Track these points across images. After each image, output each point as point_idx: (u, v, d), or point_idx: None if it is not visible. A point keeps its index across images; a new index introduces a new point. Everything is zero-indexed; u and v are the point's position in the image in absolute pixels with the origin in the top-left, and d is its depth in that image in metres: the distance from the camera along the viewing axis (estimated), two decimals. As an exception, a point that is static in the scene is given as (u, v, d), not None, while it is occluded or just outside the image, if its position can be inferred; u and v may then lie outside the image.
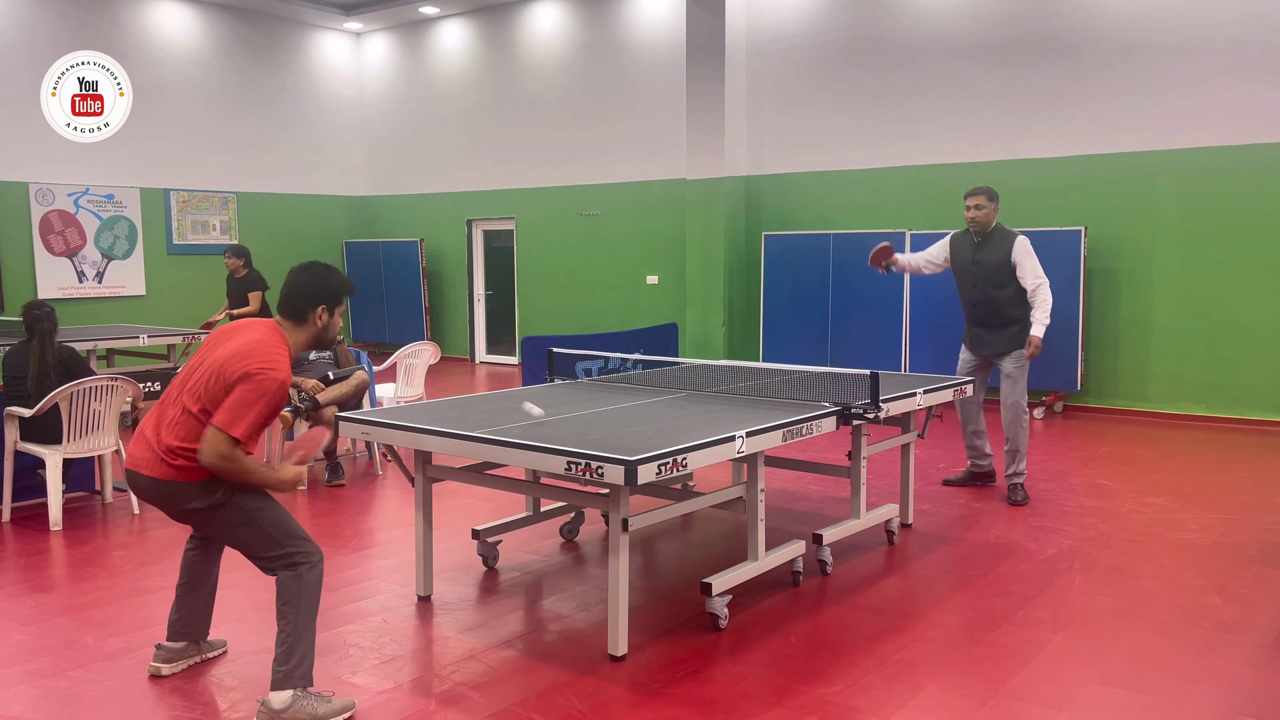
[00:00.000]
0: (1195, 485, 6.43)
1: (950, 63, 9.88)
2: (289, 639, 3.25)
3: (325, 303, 3.41)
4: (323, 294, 3.41)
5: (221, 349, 3.27)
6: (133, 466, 3.33)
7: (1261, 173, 8.39)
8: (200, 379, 3.24)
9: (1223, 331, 8.66)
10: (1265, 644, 3.86)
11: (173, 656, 3.65)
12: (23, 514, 5.88)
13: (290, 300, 3.40)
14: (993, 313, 6.01)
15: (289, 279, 3.43)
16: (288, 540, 3.32)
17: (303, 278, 3.41)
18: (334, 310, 3.45)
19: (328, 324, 3.44)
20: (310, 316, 3.40)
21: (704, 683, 3.56)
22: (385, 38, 14.85)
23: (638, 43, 12.15)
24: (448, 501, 5.98)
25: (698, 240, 11.21)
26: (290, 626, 3.25)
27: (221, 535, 3.40)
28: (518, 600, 4.45)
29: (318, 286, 3.40)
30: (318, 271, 3.44)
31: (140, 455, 3.30)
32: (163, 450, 3.23)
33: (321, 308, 3.41)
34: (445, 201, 14.34)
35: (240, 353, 3.20)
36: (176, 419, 3.24)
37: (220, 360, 3.22)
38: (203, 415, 3.20)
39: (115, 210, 12.46)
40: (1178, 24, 8.67)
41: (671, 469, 3.48)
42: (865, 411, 4.45)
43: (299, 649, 3.25)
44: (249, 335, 3.28)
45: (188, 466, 3.22)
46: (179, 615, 3.66)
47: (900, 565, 4.90)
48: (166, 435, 3.24)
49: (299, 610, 3.26)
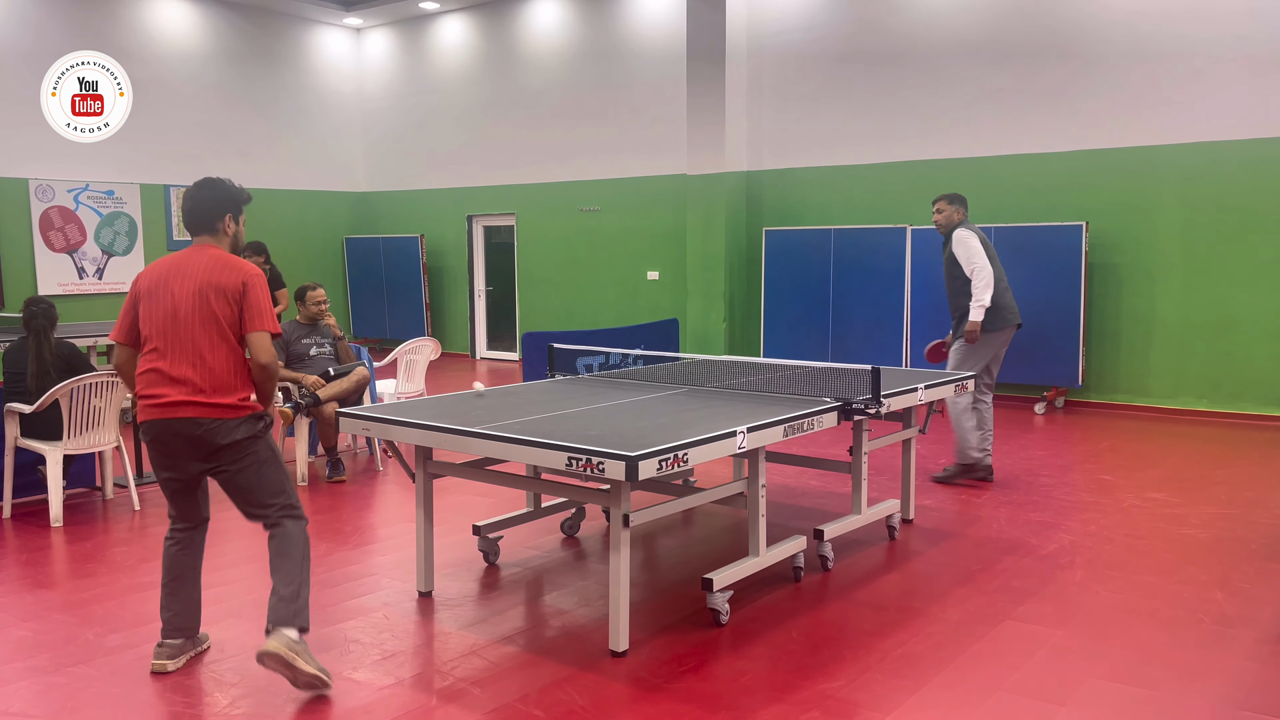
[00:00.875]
0: (1197, 480, 6.43)
1: (951, 57, 9.85)
2: (294, 580, 3.49)
3: (230, 211, 3.66)
4: (226, 203, 3.65)
5: (189, 283, 3.48)
6: (169, 415, 3.43)
7: (1263, 167, 8.37)
8: (196, 314, 3.46)
9: (1224, 326, 8.65)
10: (1267, 639, 3.85)
11: (175, 652, 3.66)
12: (23, 510, 5.88)
13: (198, 215, 3.62)
14: (952, 305, 6.55)
15: (189, 196, 3.66)
16: (291, 490, 3.64)
17: (202, 192, 3.64)
18: (238, 218, 3.71)
19: (236, 231, 3.71)
20: (220, 226, 3.65)
21: (705, 678, 3.55)
22: (386, 33, 14.82)
23: (638, 38, 12.13)
24: (448, 497, 5.98)
25: (698, 236, 11.20)
26: (295, 569, 3.51)
27: (246, 473, 3.54)
28: (519, 596, 4.45)
29: (221, 197, 3.65)
30: (216, 184, 3.67)
31: (181, 401, 3.43)
32: (214, 390, 3.44)
33: (228, 215, 3.66)
34: (446, 197, 14.33)
35: (218, 270, 3.49)
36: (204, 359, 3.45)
37: (196, 289, 3.46)
38: (223, 340, 3.47)
39: (115, 206, 12.44)
40: (1179, 19, 8.65)
41: (672, 464, 3.48)
42: (866, 407, 4.44)
43: (304, 590, 3.52)
44: (204, 256, 3.54)
45: (236, 403, 3.49)
46: (172, 612, 3.68)
47: (901, 561, 4.89)
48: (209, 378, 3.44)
49: (303, 555, 3.56)
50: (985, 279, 6.21)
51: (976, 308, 6.24)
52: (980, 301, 6.22)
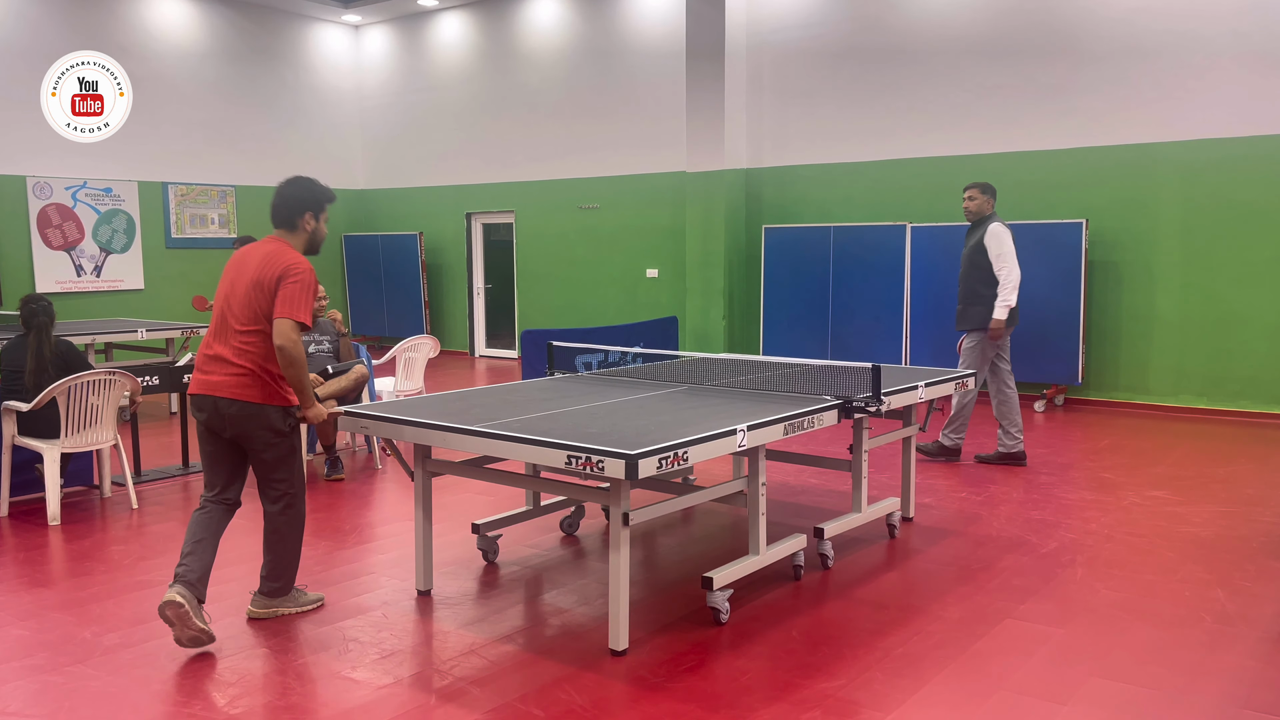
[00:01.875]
0: (1197, 478, 6.42)
1: (951, 55, 9.84)
2: (280, 560, 3.98)
3: (311, 209, 3.91)
4: (309, 201, 3.91)
5: (246, 274, 3.77)
6: (212, 392, 3.75)
7: (1263, 164, 8.36)
8: (241, 301, 3.74)
9: (1224, 324, 8.64)
10: (1268, 637, 3.84)
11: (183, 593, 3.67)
12: (21, 509, 5.86)
13: (281, 210, 3.89)
14: (967, 290, 6.64)
15: (277, 191, 3.91)
16: (299, 483, 4.00)
17: (289, 189, 3.90)
18: (319, 216, 3.94)
19: (315, 228, 3.94)
20: (300, 223, 3.91)
21: (705, 677, 3.54)
22: (384, 30, 14.79)
23: (637, 35, 12.11)
24: (447, 496, 5.96)
25: (698, 233, 11.18)
26: (284, 551, 3.97)
27: (269, 456, 3.88)
28: (518, 595, 4.43)
29: (304, 195, 3.90)
30: (302, 183, 3.93)
31: (221, 380, 3.74)
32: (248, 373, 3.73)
33: (309, 213, 3.91)
34: (444, 195, 14.31)
35: (266, 263, 3.75)
36: (240, 343, 3.74)
37: (250, 280, 3.74)
38: (253, 331, 3.74)
39: (113, 204, 12.42)
40: (1179, 15, 8.63)
41: (672, 463, 3.46)
42: (867, 405, 4.43)
43: (290, 570, 4.02)
44: (263, 250, 3.82)
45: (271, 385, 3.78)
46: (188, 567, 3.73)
47: (902, 559, 4.88)
48: (245, 360, 3.73)
49: (295, 539, 3.99)
50: (1014, 281, 6.41)
51: (1002, 307, 6.40)
52: (1006, 302, 6.39)
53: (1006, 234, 6.50)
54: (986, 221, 6.59)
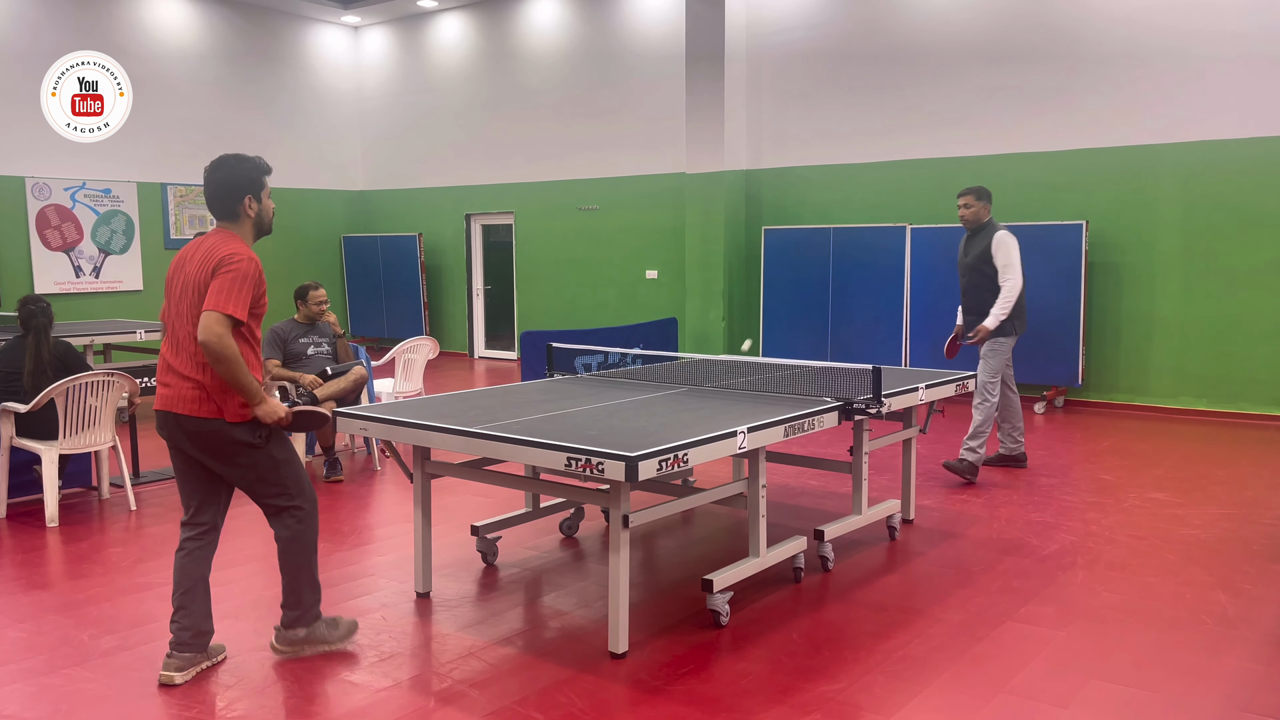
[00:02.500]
0: (1198, 480, 6.41)
1: (951, 56, 9.83)
2: (294, 581, 3.58)
3: (249, 192, 3.51)
4: (242, 183, 3.50)
5: (186, 270, 3.45)
6: (169, 408, 3.42)
7: (1263, 166, 8.35)
8: (186, 300, 3.41)
9: (1224, 326, 8.63)
10: (1270, 640, 3.83)
11: (184, 665, 3.54)
12: (19, 510, 5.85)
13: (216, 201, 3.51)
14: (975, 300, 6.46)
15: (206, 180, 3.51)
16: (299, 494, 3.60)
17: (218, 174, 3.49)
18: (260, 195, 3.55)
19: (260, 210, 3.57)
20: (240, 209, 3.52)
21: (705, 680, 3.53)
22: (383, 31, 14.79)
23: (637, 36, 12.10)
24: (447, 498, 5.95)
25: (697, 235, 11.18)
26: (294, 570, 3.58)
27: (247, 474, 3.51)
28: (517, 597, 4.42)
29: (236, 179, 3.49)
30: (230, 165, 3.50)
31: (176, 394, 3.40)
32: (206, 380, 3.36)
33: (248, 198, 3.52)
34: (444, 196, 14.30)
35: (206, 257, 3.40)
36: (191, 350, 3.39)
37: (192, 275, 3.41)
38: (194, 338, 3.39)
39: (112, 205, 12.41)
40: (1179, 17, 8.62)
41: (672, 465, 3.45)
42: (867, 407, 4.42)
43: (306, 594, 3.59)
44: (205, 244, 3.47)
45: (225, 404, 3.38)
46: (181, 626, 3.54)
47: (902, 561, 4.87)
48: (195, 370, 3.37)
49: (306, 554, 3.59)
50: (1015, 291, 6.24)
51: (994, 316, 6.24)
52: (1002, 313, 6.23)
53: (1014, 242, 6.28)
54: (988, 228, 6.36)
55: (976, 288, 6.40)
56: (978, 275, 6.38)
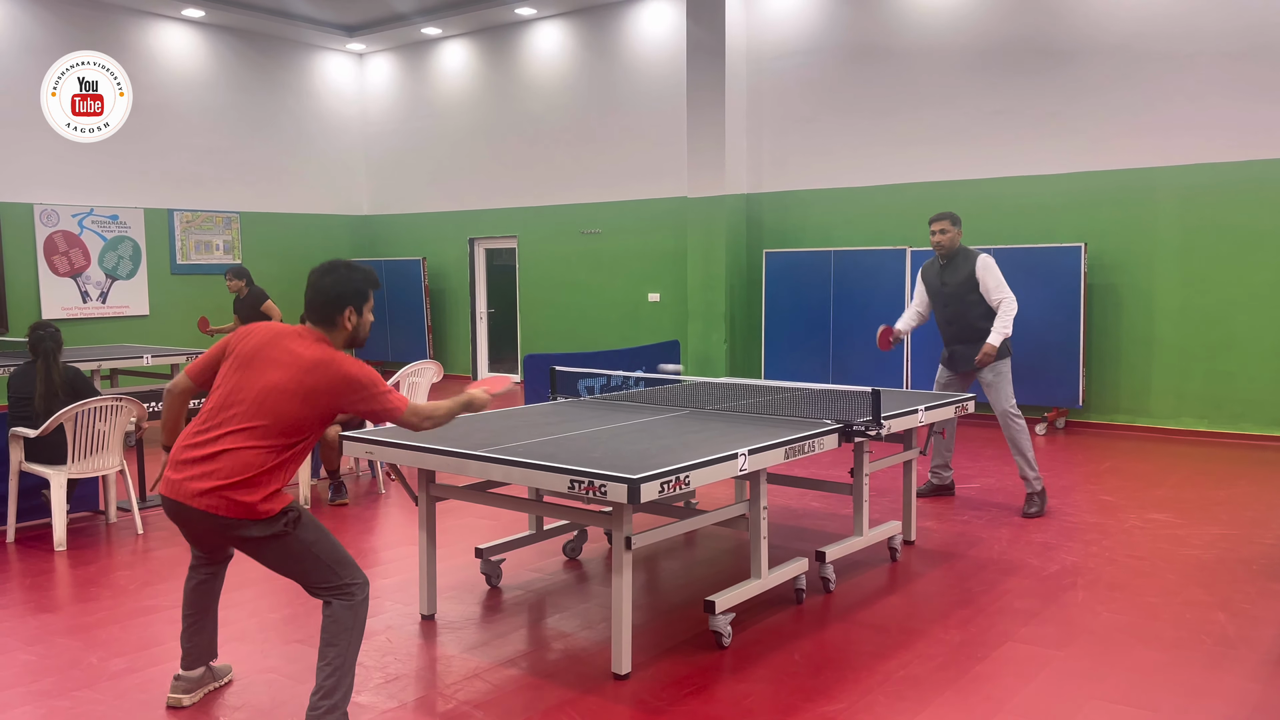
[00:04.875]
0: (1198, 501, 6.43)
1: (950, 80, 9.93)
2: (336, 671, 3.17)
3: (352, 304, 3.33)
4: (348, 295, 3.32)
5: (272, 369, 3.15)
6: (185, 500, 3.13)
7: (1261, 188, 8.42)
8: (256, 405, 3.12)
9: (1224, 347, 8.67)
10: (1269, 660, 3.85)
11: (191, 686, 3.58)
12: (27, 534, 5.89)
13: (317, 307, 3.31)
14: (965, 328, 6.29)
15: (311, 283, 3.33)
16: (343, 570, 3.26)
17: (325, 280, 3.31)
18: (362, 309, 3.36)
19: (358, 324, 3.37)
20: (340, 320, 3.33)
21: (708, 701, 3.56)
22: (388, 58, 14.95)
23: (638, 62, 12.23)
24: (451, 520, 5.99)
25: (699, 258, 11.25)
26: (338, 658, 3.18)
27: (278, 565, 3.27)
28: (521, 619, 4.45)
29: (342, 289, 3.31)
30: (339, 273, 3.33)
31: (195, 489, 3.11)
32: (232, 487, 3.09)
33: (349, 309, 3.33)
34: (448, 220, 14.40)
35: (309, 363, 3.15)
36: (235, 448, 3.11)
37: (285, 382, 3.12)
38: (265, 439, 3.12)
39: (119, 231, 12.51)
40: (1177, 40, 8.72)
41: (674, 487, 3.49)
42: (867, 429, 4.46)
43: (345, 681, 3.20)
44: (298, 345, 3.20)
45: (254, 503, 3.12)
46: (193, 644, 3.60)
47: (903, 582, 4.89)
48: (233, 471, 3.09)
49: (350, 642, 3.21)
50: (1014, 311, 6.11)
51: (998, 333, 6.07)
52: (1005, 330, 6.07)
53: (995, 263, 6.22)
54: (965, 254, 6.24)
55: (964, 315, 6.24)
56: (963, 303, 6.22)
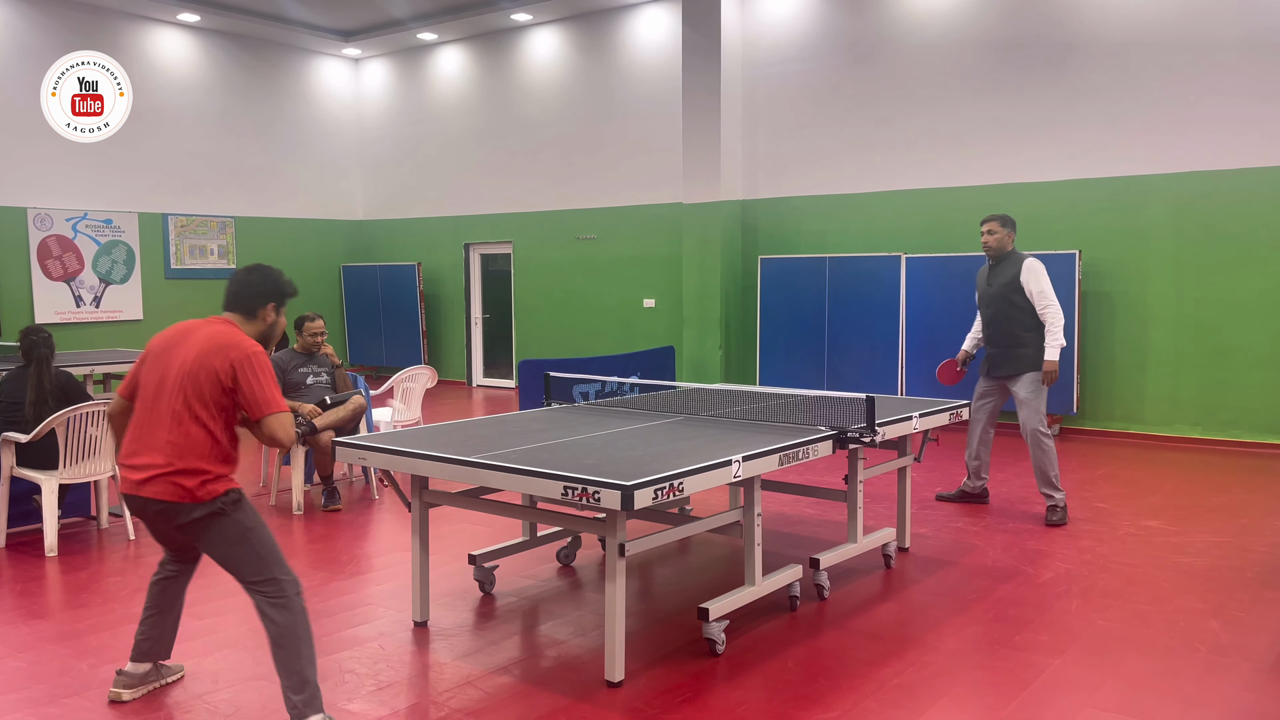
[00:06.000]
0: (1192, 508, 6.44)
1: (945, 87, 9.96)
2: (296, 668, 3.29)
3: (274, 301, 3.62)
4: (272, 293, 3.61)
5: (182, 352, 3.37)
6: (136, 492, 3.33)
7: (1254, 196, 8.45)
8: (178, 386, 3.33)
9: (1218, 354, 8.69)
10: (1263, 668, 3.85)
11: (134, 682, 3.64)
12: (18, 540, 5.87)
13: (241, 298, 3.58)
14: (1004, 333, 6.16)
15: (237, 278, 3.62)
16: (274, 564, 3.38)
17: (253, 277, 3.61)
18: (279, 309, 3.66)
19: (274, 322, 3.64)
20: (260, 313, 3.60)
21: (701, 709, 3.54)
22: (384, 64, 14.95)
23: (634, 68, 12.25)
24: (444, 526, 5.97)
25: (694, 264, 11.26)
26: (290, 660, 3.30)
27: (214, 551, 3.39)
28: (514, 626, 4.44)
29: (268, 287, 3.61)
30: (267, 273, 3.65)
31: (142, 478, 3.31)
32: (177, 472, 3.28)
33: (271, 305, 3.61)
34: (443, 225, 14.40)
35: (213, 351, 3.34)
36: (172, 435, 3.30)
37: (193, 361, 3.33)
38: (194, 419, 3.31)
39: (113, 235, 12.49)
40: (1171, 49, 8.75)
41: (668, 493, 3.49)
42: (861, 435, 4.46)
43: (310, 674, 3.31)
44: (210, 332, 3.42)
45: (196, 486, 3.29)
46: (146, 638, 3.67)
47: (897, 589, 4.89)
48: (174, 456, 3.29)
49: (298, 638, 3.32)
50: (1062, 319, 5.98)
51: (1054, 347, 5.95)
52: (1059, 342, 5.96)
53: (1043, 269, 6.07)
54: (1013, 257, 6.13)
55: (1005, 318, 6.10)
56: (1006, 305, 6.09)
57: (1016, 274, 6.08)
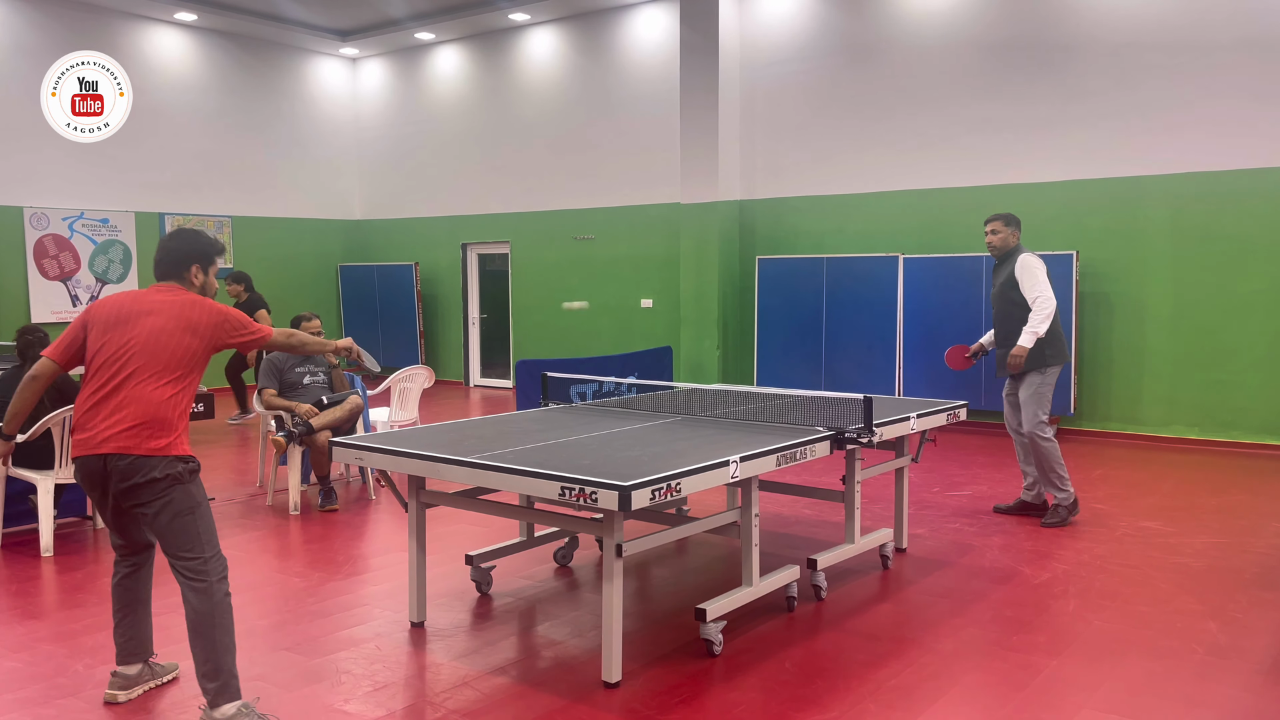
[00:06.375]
0: (1190, 509, 6.44)
1: (943, 87, 9.96)
2: (211, 655, 3.34)
3: (198, 262, 3.66)
4: (194, 254, 3.66)
5: (150, 320, 3.44)
6: (96, 450, 3.33)
7: (1251, 197, 8.46)
8: (145, 350, 3.39)
9: (1215, 354, 8.70)
10: (1261, 669, 3.85)
11: (128, 683, 3.64)
12: (13, 540, 5.85)
13: (167, 264, 3.64)
14: (1007, 332, 6.14)
15: (161, 245, 3.69)
16: (207, 543, 3.42)
17: (173, 242, 3.68)
18: (207, 269, 3.70)
19: (204, 283, 3.69)
20: (187, 276, 3.64)
21: (698, 710, 3.54)
22: (381, 63, 14.93)
23: (632, 68, 12.24)
24: (441, 527, 5.96)
25: (692, 264, 11.25)
26: (207, 649, 3.34)
27: (160, 518, 3.36)
28: (511, 626, 4.43)
29: (189, 249, 3.66)
30: (188, 235, 3.71)
31: (106, 435, 3.32)
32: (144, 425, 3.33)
33: (195, 266, 3.65)
34: (440, 225, 14.39)
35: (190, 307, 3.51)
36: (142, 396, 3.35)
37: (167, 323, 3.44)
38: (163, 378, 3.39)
39: (110, 234, 12.47)
40: (1169, 50, 8.76)
41: (665, 494, 3.48)
42: (858, 436, 4.45)
43: (227, 662, 3.36)
44: (167, 296, 3.53)
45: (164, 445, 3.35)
46: (123, 639, 3.67)
47: (895, 590, 4.88)
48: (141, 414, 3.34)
49: (214, 625, 3.35)
50: (1048, 311, 5.91)
51: (1028, 334, 5.87)
52: (1035, 330, 5.87)
53: (1039, 264, 6.03)
54: (1014, 254, 6.11)
55: (1007, 316, 6.08)
56: (1006, 303, 6.08)
57: (1012, 271, 6.08)
